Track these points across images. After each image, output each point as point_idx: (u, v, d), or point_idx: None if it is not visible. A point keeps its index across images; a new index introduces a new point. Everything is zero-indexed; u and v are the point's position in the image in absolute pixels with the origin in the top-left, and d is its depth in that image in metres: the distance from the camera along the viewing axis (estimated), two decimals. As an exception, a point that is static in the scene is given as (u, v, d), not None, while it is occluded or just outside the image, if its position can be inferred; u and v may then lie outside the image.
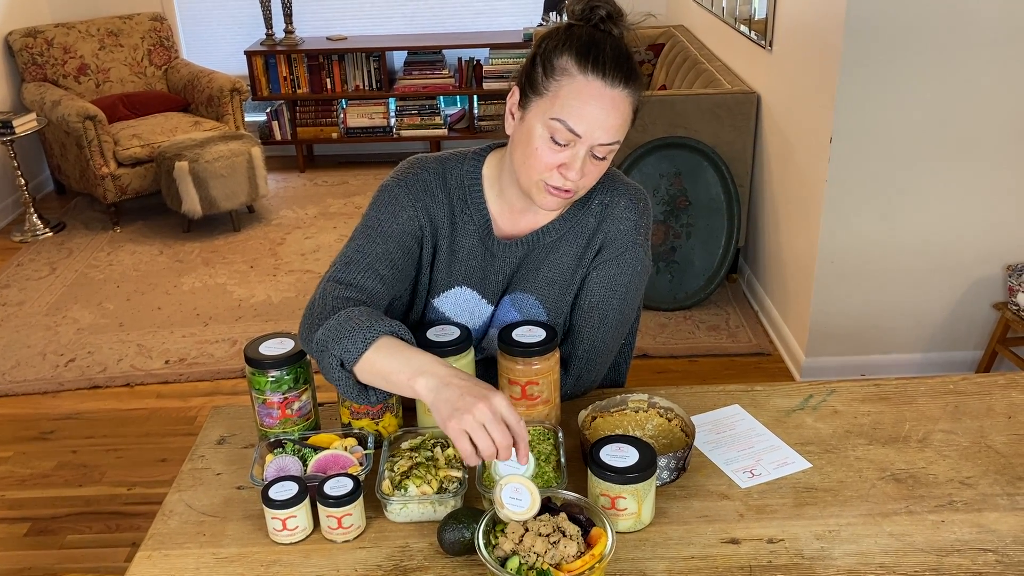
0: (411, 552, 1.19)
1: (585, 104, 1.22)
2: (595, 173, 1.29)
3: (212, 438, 1.45)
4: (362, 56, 5.13)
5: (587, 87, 1.22)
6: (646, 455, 1.19)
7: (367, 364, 1.17)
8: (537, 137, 1.25)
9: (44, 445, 2.88)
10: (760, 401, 1.49)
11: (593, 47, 1.23)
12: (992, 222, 2.79)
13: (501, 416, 1.09)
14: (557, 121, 1.23)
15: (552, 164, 1.26)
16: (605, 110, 1.22)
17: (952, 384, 1.52)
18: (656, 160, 3.41)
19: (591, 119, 1.22)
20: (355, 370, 1.18)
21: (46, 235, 4.52)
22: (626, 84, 1.23)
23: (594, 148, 1.25)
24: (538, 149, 1.25)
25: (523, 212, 1.41)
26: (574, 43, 1.23)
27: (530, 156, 1.27)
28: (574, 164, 1.25)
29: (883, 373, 3.02)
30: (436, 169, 1.42)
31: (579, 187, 1.29)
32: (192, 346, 3.42)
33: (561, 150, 1.25)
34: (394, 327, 1.19)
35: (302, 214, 4.73)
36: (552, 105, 1.23)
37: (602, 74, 1.21)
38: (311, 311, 1.28)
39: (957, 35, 2.54)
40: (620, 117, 1.24)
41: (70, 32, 4.85)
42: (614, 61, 1.22)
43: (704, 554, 1.17)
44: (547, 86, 1.24)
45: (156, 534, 1.24)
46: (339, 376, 1.20)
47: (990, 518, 1.21)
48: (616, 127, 1.24)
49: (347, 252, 1.36)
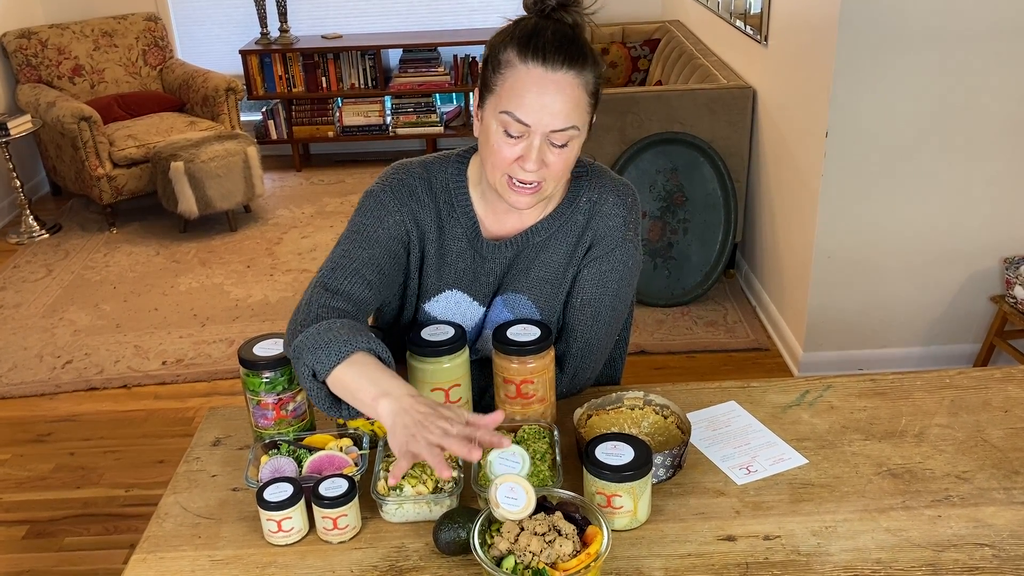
0: (407, 552, 1.18)
1: (528, 92, 1.21)
2: (559, 163, 1.27)
3: (207, 440, 1.44)
4: (357, 54, 5.12)
5: (528, 75, 1.22)
6: (642, 453, 1.19)
7: (337, 378, 1.16)
8: (493, 133, 1.26)
9: (42, 447, 2.87)
10: (756, 397, 1.49)
11: (533, 36, 1.22)
12: (988, 215, 2.79)
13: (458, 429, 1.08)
14: (506, 114, 1.23)
15: (510, 158, 1.26)
16: (550, 95, 1.21)
17: (949, 378, 1.51)
18: (652, 156, 3.40)
19: (537, 106, 1.21)
20: (327, 383, 1.18)
21: (42, 237, 4.51)
22: (570, 66, 1.22)
23: (549, 136, 1.24)
24: (495, 145, 1.26)
25: (508, 212, 1.41)
26: (516, 35, 1.24)
27: (491, 154, 1.27)
28: (530, 155, 1.24)
29: (881, 367, 3.02)
30: (421, 173, 1.41)
31: (546, 179, 1.28)
32: (189, 347, 3.41)
33: (516, 143, 1.25)
34: (372, 344, 1.18)
35: (299, 213, 4.73)
36: (500, 99, 1.24)
37: (542, 60, 1.21)
38: (295, 317, 1.28)
39: (952, 29, 2.53)
40: (568, 101, 1.22)
41: (64, 33, 4.84)
42: (554, 45, 1.22)
43: (700, 551, 1.17)
44: (495, 81, 1.25)
45: (151, 537, 1.24)
46: (310, 386, 1.20)
47: (987, 512, 1.21)
48: (565, 112, 1.22)
49: (334, 257, 1.35)
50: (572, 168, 1.32)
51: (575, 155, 1.29)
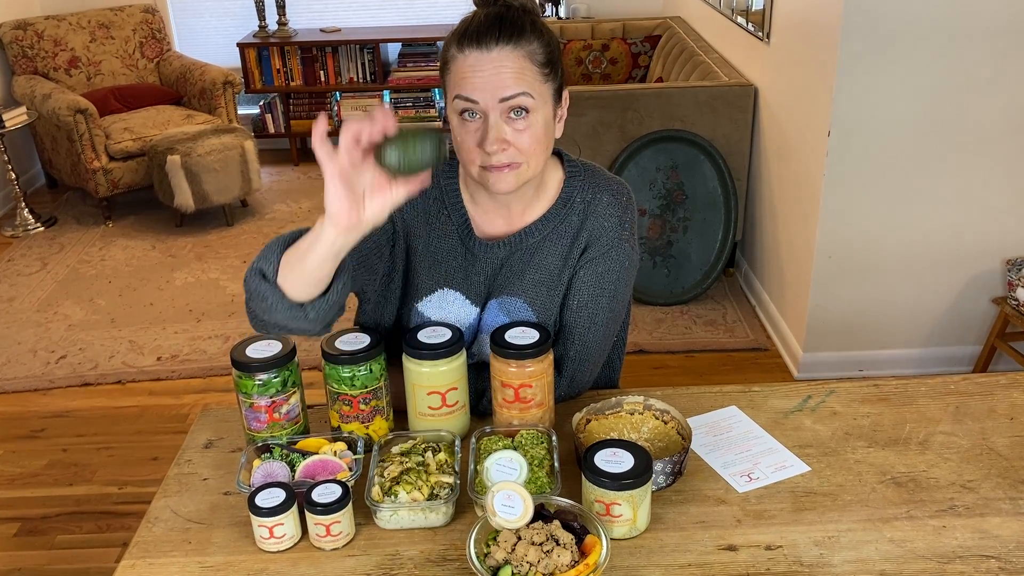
0: (401, 560, 1.16)
1: (469, 74, 1.25)
2: (523, 138, 1.27)
3: (199, 441, 1.42)
4: (356, 48, 5.08)
5: (466, 62, 1.25)
6: (641, 460, 1.16)
7: (285, 262, 1.17)
8: (455, 126, 1.29)
9: (34, 443, 2.85)
10: (758, 402, 1.46)
11: (467, 26, 1.26)
12: (992, 216, 2.77)
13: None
14: (458, 99, 1.26)
15: (474, 144, 1.27)
16: (489, 70, 1.24)
17: (953, 384, 1.49)
18: (652, 154, 3.38)
19: (480, 83, 1.24)
20: (279, 271, 1.18)
21: (37, 230, 4.48)
22: (506, 41, 1.24)
23: (503, 110, 1.25)
24: (460, 136, 1.28)
25: (497, 210, 1.40)
26: (456, 31, 1.28)
27: (460, 148, 1.30)
28: (489, 133, 1.25)
29: (881, 368, 3.00)
30: None
31: (520, 158, 1.27)
32: (185, 342, 3.39)
33: (475, 126, 1.27)
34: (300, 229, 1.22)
35: (296, 208, 4.70)
36: (451, 90, 1.27)
37: (476, 44, 1.24)
38: None
39: (956, 28, 2.51)
40: (509, 71, 1.24)
41: (60, 24, 4.80)
42: (485, 27, 1.25)
43: (701, 561, 1.14)
44: (446, 78, 1.30)
45: (141, 542, 1.22)
46: (263, 290, 1.19)
47: (993, 523, 1.19)
48: (509, 81, 1.24)
49: None
50: (546, 145, 1.31)
51: (542, 129, 1.28)
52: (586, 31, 4.76)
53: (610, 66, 4.69)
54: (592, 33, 4.75)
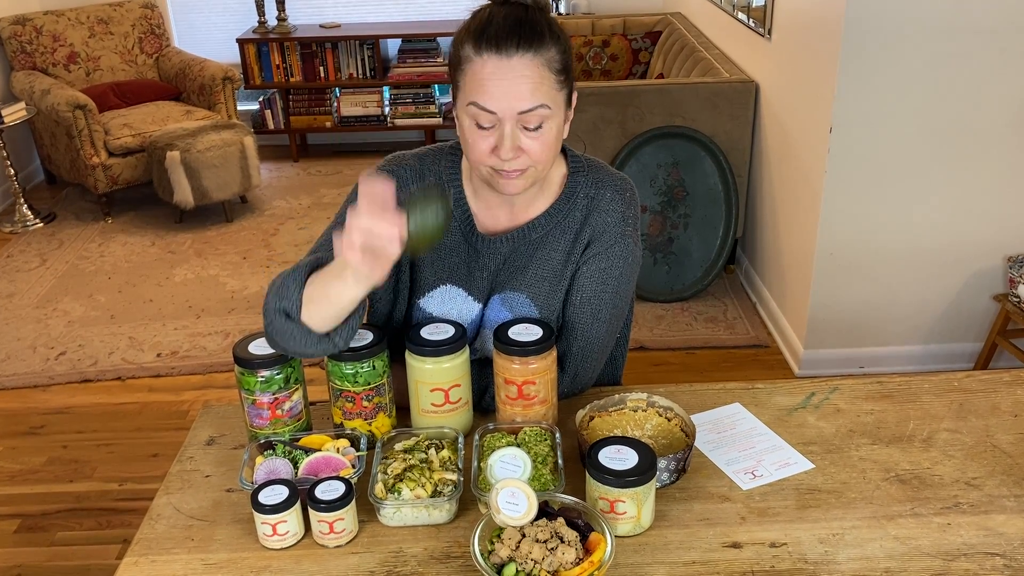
0: (405, 557, 1.16)
1: (487, 82, 1.21)
2: (537, 146, 1.25)
3: (201, 438, 1.42)
4: (356, 44, 5.07)
5: (484, 66, 1.22)
6: (646, 457, 1.16)
7: (308, 298, 1.20)
8: (467, 128, 1.26)
9: (34, 440, 2.84)
10: (761, 399, 1.46)
11: (485, 25, 1.23)
12: (993, 213, 2.77)
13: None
14: (473, 106, 1.23)
15: (487, 149, 1.25)
16: (509, 80, 1.21)
17: (956, 381, 1.49)
18: (653, 150, 3.37)
19: (499, 94, 1.21)
20: (303, 308, 1.20)
21: (36, 226, 4.47)
22: (526, 48, 1.21)
23: (519, 119, 1.23)
24: (470, 140, 1.26)
25: (500, 206, 1.39)
26: (471, 28, 1.25)
27: (469, 149, 1.27)
28: (503, 143, 1.23)
29: (882, 365, 2.99)
30: (413, 165, 1.41)
31: (531, 163, 1.27)
32: (184, 339, 3.38)
33: (489, 133, 1.24)
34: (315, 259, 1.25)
35: (295, 204, 4.69)
36: (466, 94, 1.24)
37: (495, 48, 1.21)
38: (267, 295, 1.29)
39: (958, 25, 2.50)
40: (528, 82, 1.22)
41: (59, 20, 4.79)
42: (505, 31, 1.21)
43: (705, 559, 1.14)
44: (459, 78, 1.26)
45: (143, 539, 1.21)
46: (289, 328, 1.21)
47: (997, 520, 1.19)
48: (527, 92, 1.22)
49: (318, 241, 1.38)
50: (556, 149, 1.30)
51: (554, 136, 1.28)
52: (587, 27, 4.75)
53: (611, 62, 4.68)
54: (592, 29, 4.74)
